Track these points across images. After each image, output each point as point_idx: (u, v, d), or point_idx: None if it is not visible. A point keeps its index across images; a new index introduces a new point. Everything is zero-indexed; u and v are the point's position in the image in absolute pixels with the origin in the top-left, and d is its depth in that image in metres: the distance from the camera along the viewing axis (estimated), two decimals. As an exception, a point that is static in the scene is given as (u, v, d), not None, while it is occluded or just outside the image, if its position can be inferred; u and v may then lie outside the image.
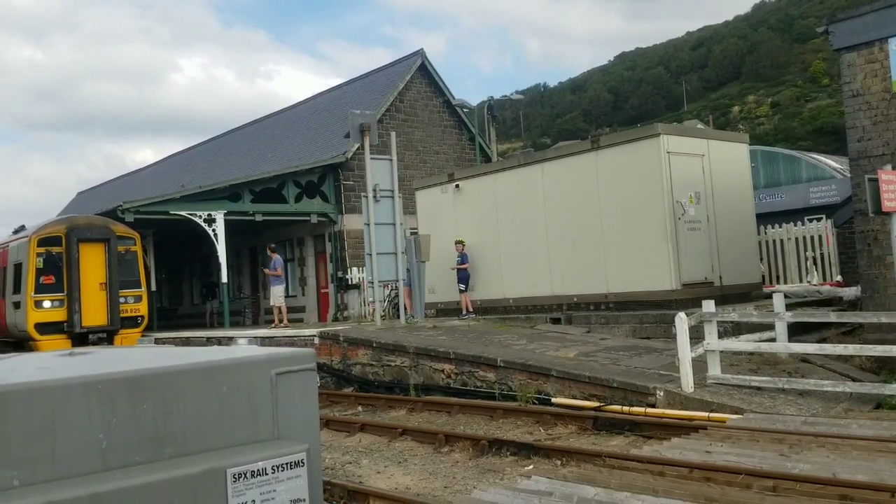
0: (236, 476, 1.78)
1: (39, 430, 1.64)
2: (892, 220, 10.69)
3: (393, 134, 18.50)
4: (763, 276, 17.12)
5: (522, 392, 11.33)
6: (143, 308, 20.71)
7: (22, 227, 22.35)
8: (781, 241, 17.41)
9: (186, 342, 19.65)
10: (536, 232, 16.70)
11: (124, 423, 1.76)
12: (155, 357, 2.21)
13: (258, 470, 1.84)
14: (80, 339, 19.30)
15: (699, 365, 10.27)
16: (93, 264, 19.67)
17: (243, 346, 2.92)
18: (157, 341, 20.52)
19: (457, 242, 18.14)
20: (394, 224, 17.40)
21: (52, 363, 2.04)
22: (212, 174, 34.42)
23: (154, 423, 1.82)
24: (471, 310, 17.93)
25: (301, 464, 1.89)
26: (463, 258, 18.05)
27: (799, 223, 17.51)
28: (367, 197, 17.14)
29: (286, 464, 1.89)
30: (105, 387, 1.74)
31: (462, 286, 18.02)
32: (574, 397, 10.86)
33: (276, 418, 2.02)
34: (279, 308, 20.69)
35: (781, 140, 62.65)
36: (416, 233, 19.53)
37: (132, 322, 20.31)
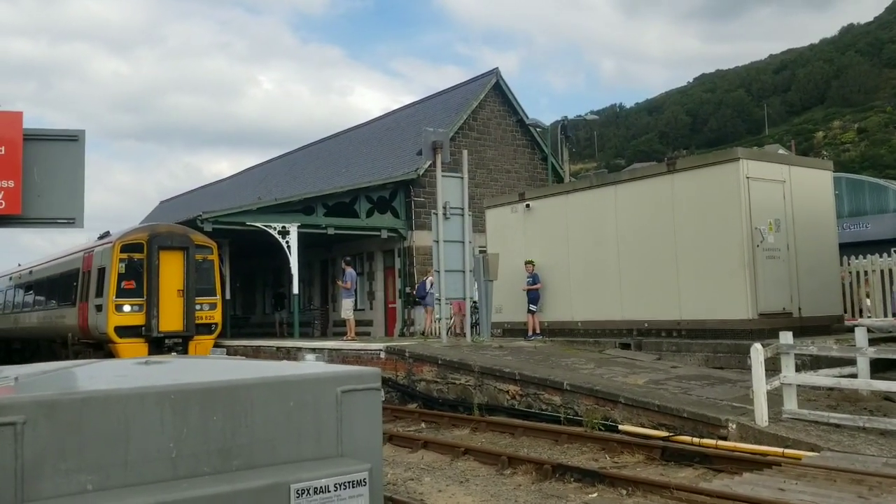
0: (299, 492, 1.78)
1: (114, 437, 1.66)
2: None
3: (465, 152, 18.58)
4: (844, 309, 16.45)
5: (588, 417, 11.13)
6: (217, 316, 21.28)
7: (107, 233, 23.29)
8: (865, 272, 16.70)
9: (257, 351, 20.07)
10: (608, 254, 16.46)
11: (195, 433, 1.78)
12: (226, 369, 2.23)
13: (321, 487, 1.83)
14: (157, 343, 19.94)
15: (774, 398, 9.90)
16: (171, 271, 20.34)
17: (311, 361, 2.91)
18: (229, 349, 21.01)
19: (527, 263, 18.04)
20: (463, 242, 17.42)
21: (128, 371, 2.09)
22: (287, 188, 35.23)
23: (223, 435, 1.82)
24: (538, 331, 17.77)
25: (363, 483, 1.86)
26: (534, 278, 17.93)
27: (885, 255, 16.77)
28: (437, 214, 17.22)
29: (348, 482, 1.87)
30: (178, 397, 1.75)
31: (533, 307, 17.90)
32: (642, 425, 10.61)
33: (339, 436, 2.01)
34: (352, 321, 21.06)
35: (868, 168, 60.43)
36: (484, 251, 19.52)
37: (206, 329, 20.88)
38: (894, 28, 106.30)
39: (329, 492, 1.79)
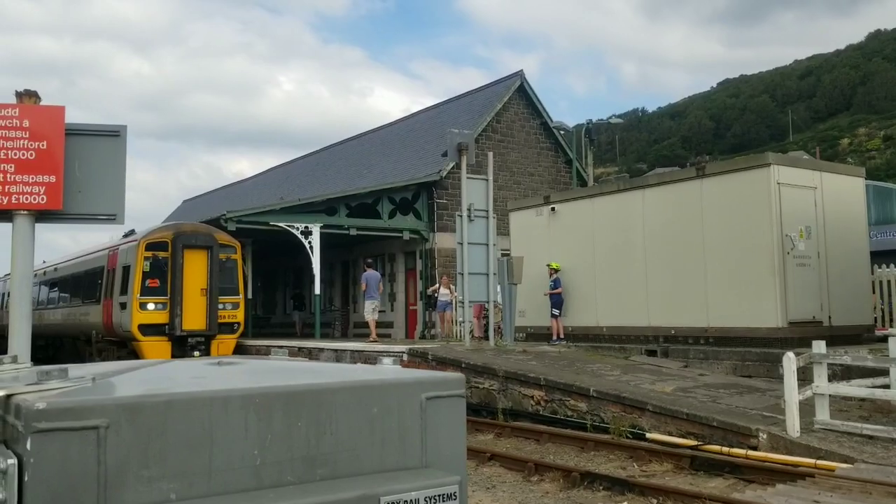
0: None
1: (198, 443, 1.62)
2: None
3: (490, 154, 18.48)
4: (875, 318, 16.18)
5: (615, 425, 11.00)
6: (239, 315, 21.29)
7: (132, 231, 23.39)
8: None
9: (286, 350, 20.04)
10: (634, 259, 16.30)
11: (279, 440, 1.72)
12: (306, 372, 2.16)
13: (411, 500, 1.75)
14: (180, 342, 19.98)
15: (806, 408, 9.73)
16: (195, 270, 20.37)
17: (389, 365, 2.79)
18: (251, 349, 21.02)
19: (549, 266, 17.97)
20: (487, 244, 17.32)
21: (205, 372, 2.02)
22: (309, 188, 35.30)
23: (307, 442, 1.76)
24: (562, 336, 17.64)
25: (454, 497, 1.79)
26: (555, 283, 17.82)
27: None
28: (461, 216, 17.12)
29: (438, 496, 1.79)
30: (262, 401, 1.70)
31: (556, 311, 17.78)
32: (670, 434, 10.46)
33: (424, 445, 1.93)
34: (372, 321, 21.15)
35: (894, 175, 59.65)
36: (508, 254, 19.43)
37: (229, 328, 20.90)
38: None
39: (419, 506, 1.69)
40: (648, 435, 10.62)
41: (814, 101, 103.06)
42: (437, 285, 22.76)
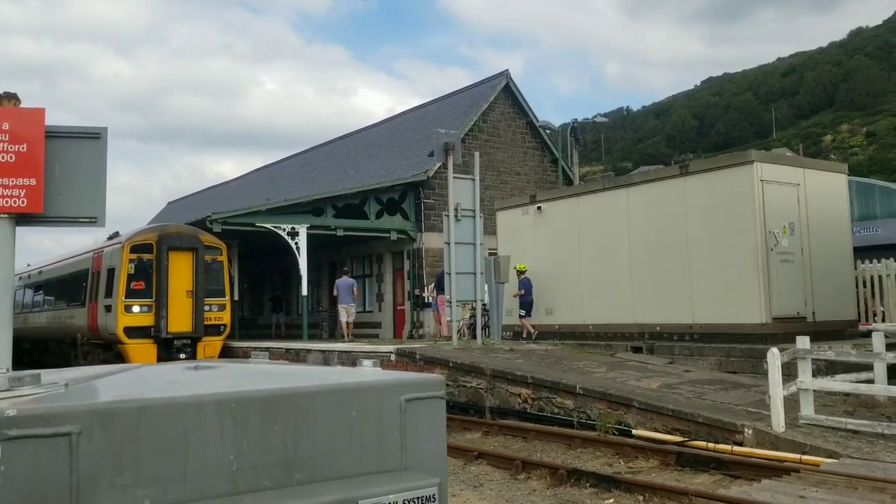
0: None
1: (172, 449, 1.60)
2: None
3: (476, 154, 18.49)
4: (859, 313, 16.32)
5: (602, 421, 11.04)
6: (226, 317, 21.19)
7: (116, 234, 23.24)
8: (879, 277, 16.56)
9: (267, 352, 19.97)
10: (619, 257, 16.37)
11: (255, 444, 1.71)
12: (283, 375, 2.15)
13: (390, 503, 1.73)
14: (166, 344, 19.86)
15: (790, 404, 9.79)
16: (181, 272, 20.25)
17: (369, 368, 2.76)
18: (239, 351, 20.92)
19: (515, 269, 18.32)
20: (474, 244, 17.33)
21: (180, 377, 2.01)
22: (296, 189, 35.19)
23: (284, 447, 1.75)
24: (533, 335, 17.93)
25: (433, 499, 1.78)
26: (521, 284, 18.18)
27: (899, 259, 16.61)
28: (448, 216, 17.11)
29: (417, 498, 1.77)
30: (238, 406, 1.68)
31: (522, 311, 18.20)
32: (656, 430, 10.51)
33: (403, 447, 1.92)
34: (343, 324, 21.94)
35: (876, 171, 60.21)
36: (495, 254, 19.46)
37: (215, 330, 20.78)
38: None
39: (398, 508, 1.68)
40: (634, 431, 10.65)
41: (797, 98, 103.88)
42: (428, 286, 23.02)
